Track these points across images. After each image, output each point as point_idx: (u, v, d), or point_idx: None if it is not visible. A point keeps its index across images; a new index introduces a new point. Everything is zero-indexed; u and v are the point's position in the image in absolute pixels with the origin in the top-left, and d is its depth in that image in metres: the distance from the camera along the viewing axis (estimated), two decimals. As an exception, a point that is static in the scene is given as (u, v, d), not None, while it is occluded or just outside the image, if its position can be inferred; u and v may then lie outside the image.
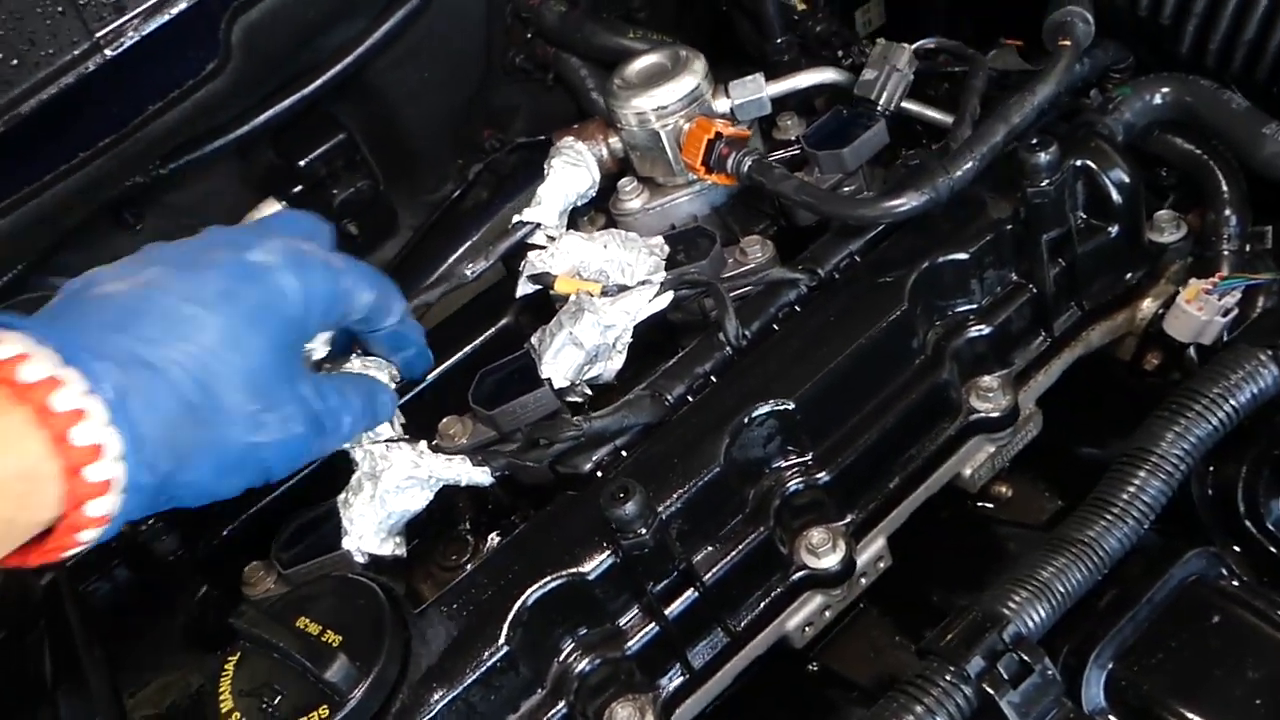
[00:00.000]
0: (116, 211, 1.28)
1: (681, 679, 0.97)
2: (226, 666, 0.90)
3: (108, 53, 1.06)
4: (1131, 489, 0.90)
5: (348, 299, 0.91)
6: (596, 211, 1.26)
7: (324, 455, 0.95)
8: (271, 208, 1.31)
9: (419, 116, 1.45)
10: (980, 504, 1.16)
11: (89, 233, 1.26)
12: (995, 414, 1.05)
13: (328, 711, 0.85)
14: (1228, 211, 1.12)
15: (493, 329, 1.17)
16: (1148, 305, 1.12)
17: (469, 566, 1.05)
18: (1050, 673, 0.81)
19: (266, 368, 0.83)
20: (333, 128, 1.33)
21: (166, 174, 1.25)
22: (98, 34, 1.04)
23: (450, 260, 1.39)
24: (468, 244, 1.41)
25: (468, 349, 1.16)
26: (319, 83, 1.29)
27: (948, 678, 0.81)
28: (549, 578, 0.91)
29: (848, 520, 1.02)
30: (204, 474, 0.82)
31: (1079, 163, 1.05)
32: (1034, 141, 0.99)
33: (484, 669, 0.88)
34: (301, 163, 1.31)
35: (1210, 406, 0.91)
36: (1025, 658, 0.81)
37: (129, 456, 0.75)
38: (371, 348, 1.02)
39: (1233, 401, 0.91)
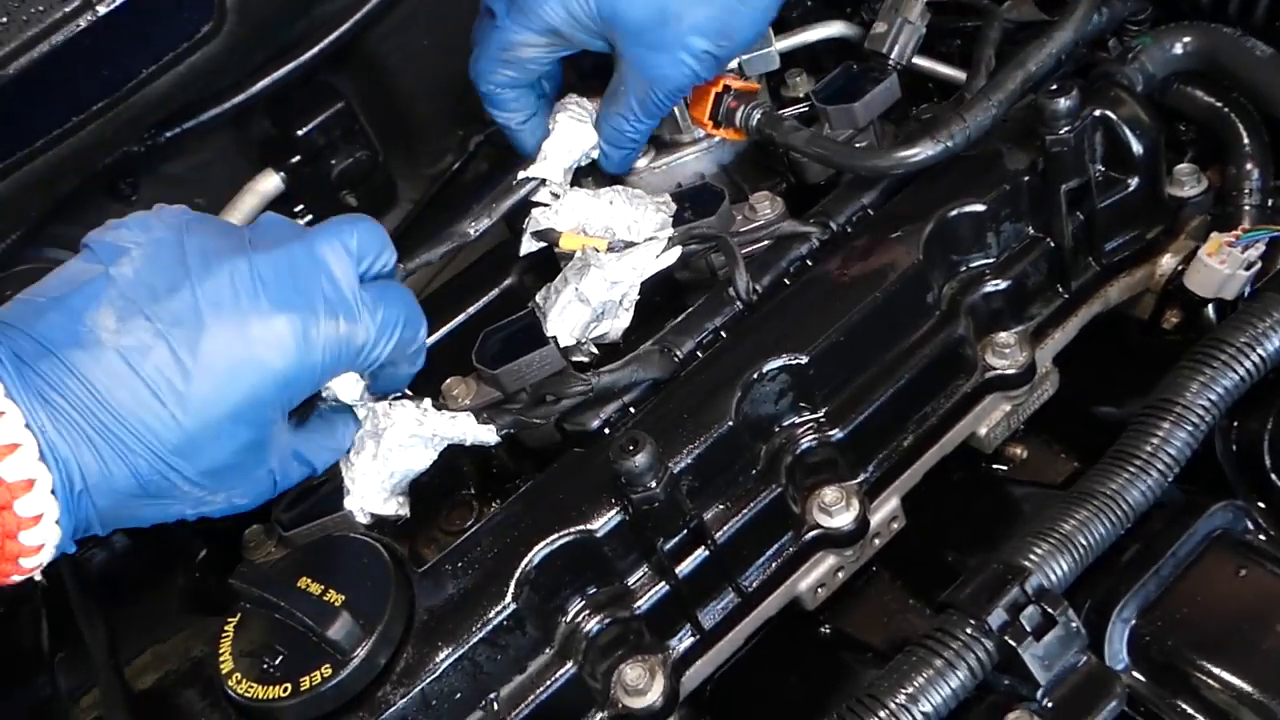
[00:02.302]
0: (112, 181, 1.25)
1: (692, 640, 0.95)
2: (227, 628, 0.88)
3: (100, 9, 1.03)
4: (1155, 440, 0.88)
5: (363, 358, 0.85)
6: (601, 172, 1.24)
7: None
8: (269, 179, 1.29)
9: (418, 86, 1.42)
10: (995, 466, 1.14)
11: (84, 203, 1.23)
12: (1011, 371, 1.03)
13: (330, 670, 0.83)
14: (1249, 165, 1.10)
15: (497, 289, 1.14)
16: (1167, 261, 1.10)
17: (461, 539, 1.03)
18: (1074, 625, 0.79)
19: (230, 461, 0.80)
20: (330, 96, 1.30)
21: (162, 142, 1.23)
22: (89, -10, 1.01)
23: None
24: (451, 233, 1.39)
25: (471, 310, 1.14)
26: (315, 50, 1.26)
27: (968, 630, 0.79)
28: (556, 535, 0.89)
29: (861, 479, 0.99)
30: (130, 524, 0.82)
31: (1098, 113, 1.03)
32: (1053, 88, 0.97)
33: (490, 628, 0.86)
34: (299, 132, 1.29)
35: (1236, 356, 0.89)
36: (1049, 609, 0.79)
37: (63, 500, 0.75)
38: None
39: (1260, 351, 0.89)
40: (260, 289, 0.79)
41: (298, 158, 1.28)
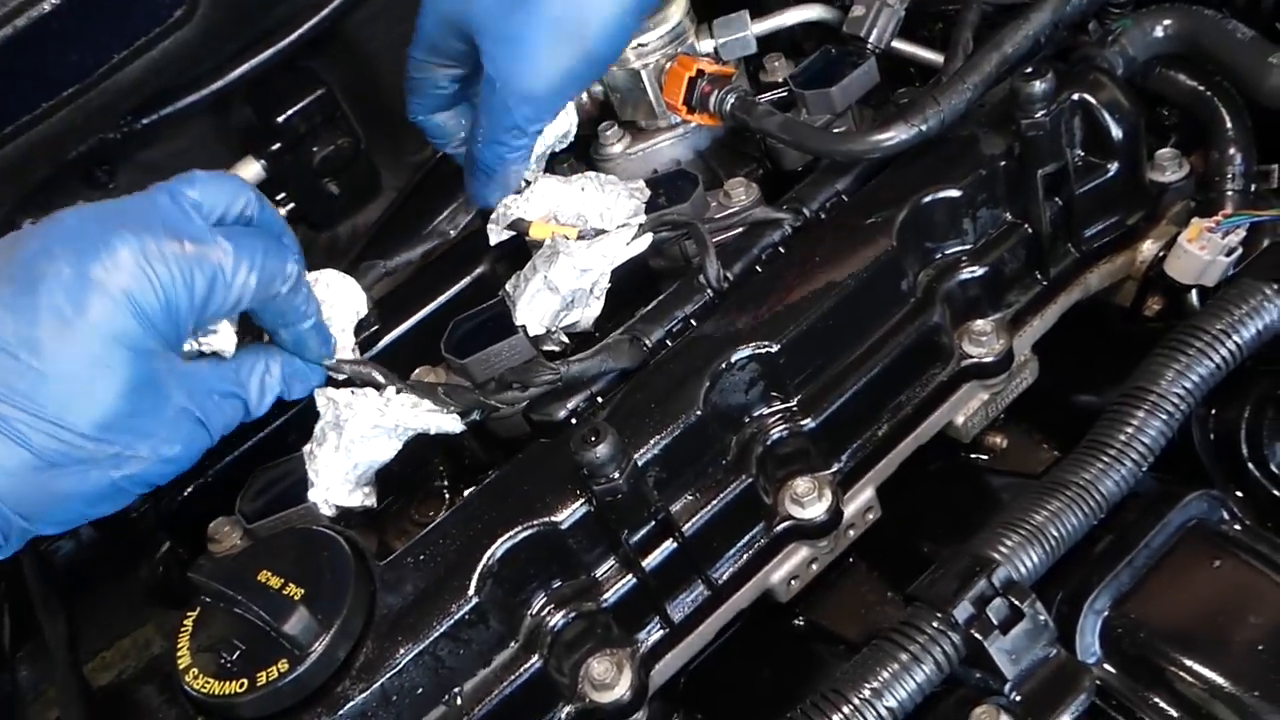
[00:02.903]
0: (88, 169, 1.24)
1: (661, 633, 0.94)
2: (185, 623, 0.87)
3: (66, -7, 1.02)
4: (1130, 429, 0.86)
5: (226, 287, 0.81)
6: (576, 160, 1.22)
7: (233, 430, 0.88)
8: (250, 167, 1.27)
9: (401, 72, 1.40)
10: (974, 455, 1.12)
11: (59, 191, 1.22)
12: (989, 359, 1.02)
13: (287, 665, 0.81)
14: (1232, 150, 1.08)
15: (468, 278, 1.13)
16: (1148, 247, 1.08)
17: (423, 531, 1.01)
18: (1042, 618, 0.77)
19: (121, 406, 0.76)
20: (311, 83, 1.28)
21: (139, 129, 1.21)
22: (53, -29, 1.00)
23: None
24: (453, 206, 1.38)
25: (442, 299, 1.12)
26: (295, 35, 1.25)
27: (934, 624, 0.77)
28: (520, 527, 0.87)
29: (834, 469, 0.98)
30: (73, 512, 0.78)
31: (1076, 96, 1.01)
32: (1028, 70, 0.95)
33: (452, 622, 0.85)
34: (279, 119, 1.26)
35: (1212, 343, 0.87)
36: (1016, 602, 0.77)
37: None
38: (256, 320, 0.90)
39: (1236, 338, 0.87)
40: (92, 224, 0.77)
41: (278, 145, 1.27)
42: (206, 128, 1.29)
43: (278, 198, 1.29)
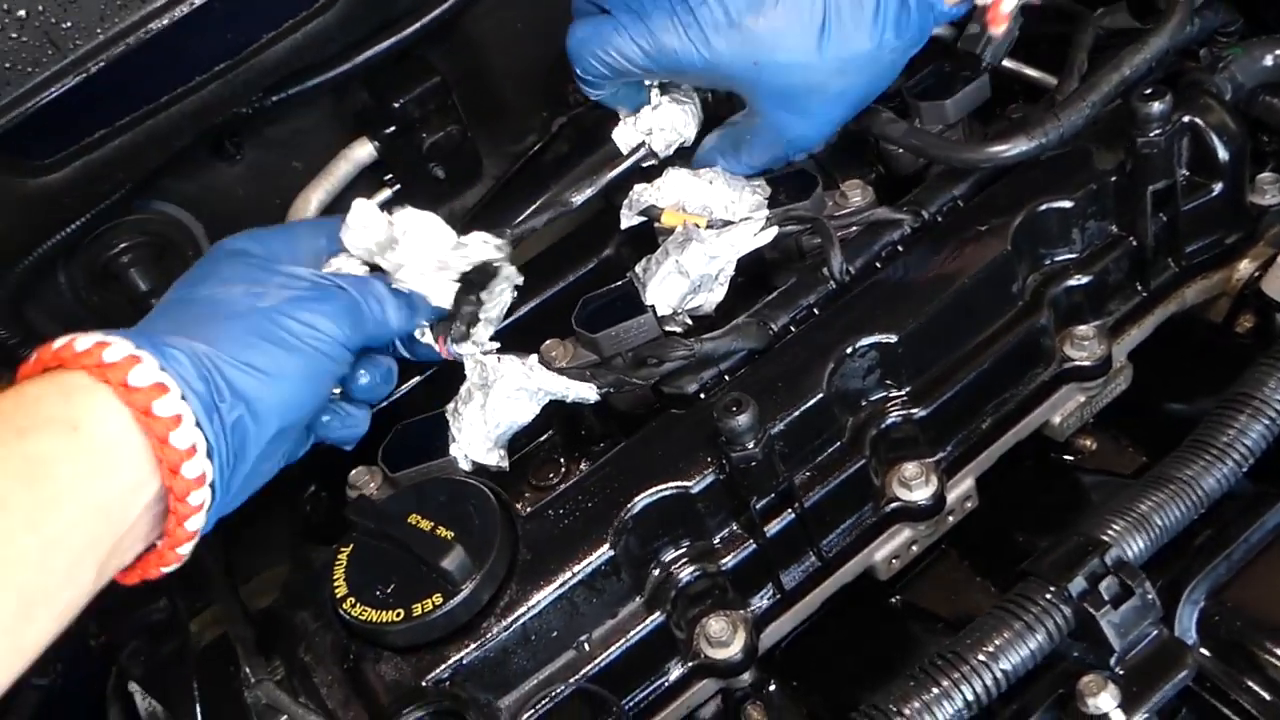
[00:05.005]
0: (219, 140, 1.30)
1: (772, 599, 1.00)
2: (340, 556, 0.93)
3: (228, -24, 1.09)
4: (1232, 432, 0.91)
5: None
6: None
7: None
8: (363, 148, 1.33)
9: (509, 66, 1.46)
10: (1065, 456, 1.17)
11: (192, 160, 1.29)
12: (1088, 363, 1.07)
13: (441, 599, 0.88)
14: (1330, 177, 1.13)
15: (595, 259, 1.19)
16: (1245, 266, 1.13)
17: (561, 487, 1.08)
18: (1150, 597, 0.83)
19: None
20: (426, 71, 1.34)
21: (269, 106, 1.27)
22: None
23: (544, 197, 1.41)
24: (545, 196, 1.43)
25: (570, 278, 1.19)
26: (419, 25, 1.30)
27: (1049, 596, 0.83)
28: (655, 489, 0.94)
29: (939, 457, 1.03)
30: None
31: (1187, 118, 1.06)
32: (1147, 91, 1.00)
33: (589, 571, 0.91)
34: (395, 104, 1.32)
35: (1316, 356, 0.92)
36: (1127, 580, 0.83)
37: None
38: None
39: (1338, 352, 0.92)
40: None
41: (392, 128, 1.33)
42: (327, 108, 1.35)
43: (386, 177, 1.35)
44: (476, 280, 1.04)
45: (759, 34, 0.97)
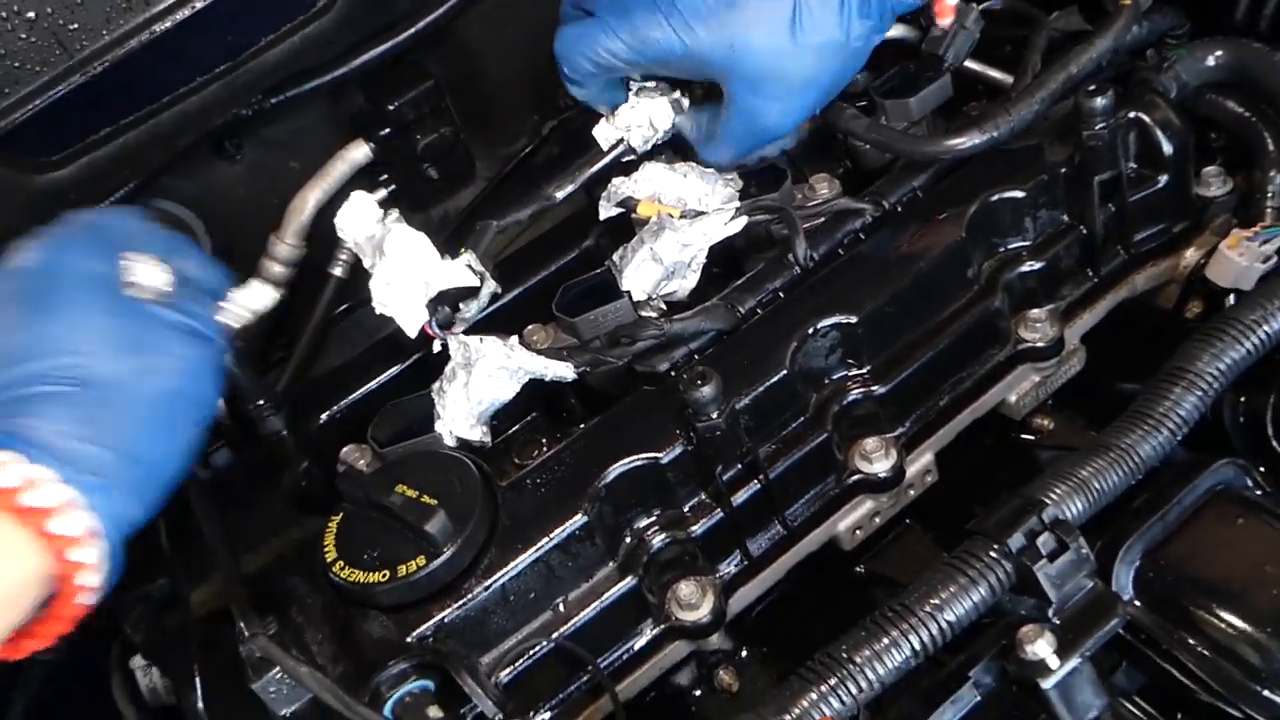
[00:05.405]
0: (219, 140, 1.35)
1: (739, 566, 1.05)
2: (331, 525, 0.99)
3: (230, -21, 1.14)
4: (1168, 402, 0.97)
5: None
6: (674, 151, 1.34)
7: None
8: (359, 149, 1.38)
9: (501, 71, 1.51)
10: (1023, 435, 1.23)
11: (193, 160, 1.33)
12: (1041, 344, 1.13)
13: (424, 560, 0.94)
14: (1273, 170, 1.18)
15: (576, 250, 1.26)
16: (1191, 254, 1.19)
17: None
18: (1084, 551, 0.89)
19: None
20: (421, 75, 1.38)
21: (268, 108, 1.31)
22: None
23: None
24: (538, 195, 1.49)
25: (553, 267, 1.25)
26: (413, 30, 1.34)
27: (991, 553, 0.89)
28: (627, 459, 0.99)
29: (899, 432, 1.09)
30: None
31: (1133, 114, 1.13)
32: (1092, 88, 1.07)
33: (564, 535, 0.97)
34: (390, 107, 1.36)
35: (1245, 331, 0.98)
36: (1063, 537, 0.89)
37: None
38: None
39: (1266, 328, 0.99)
40: None
41: (387, 130, 1.36)
42: (324, 110, 1.39)
43: (381, 178, 1.39)
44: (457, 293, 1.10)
45: (735, 19, 1.04)
